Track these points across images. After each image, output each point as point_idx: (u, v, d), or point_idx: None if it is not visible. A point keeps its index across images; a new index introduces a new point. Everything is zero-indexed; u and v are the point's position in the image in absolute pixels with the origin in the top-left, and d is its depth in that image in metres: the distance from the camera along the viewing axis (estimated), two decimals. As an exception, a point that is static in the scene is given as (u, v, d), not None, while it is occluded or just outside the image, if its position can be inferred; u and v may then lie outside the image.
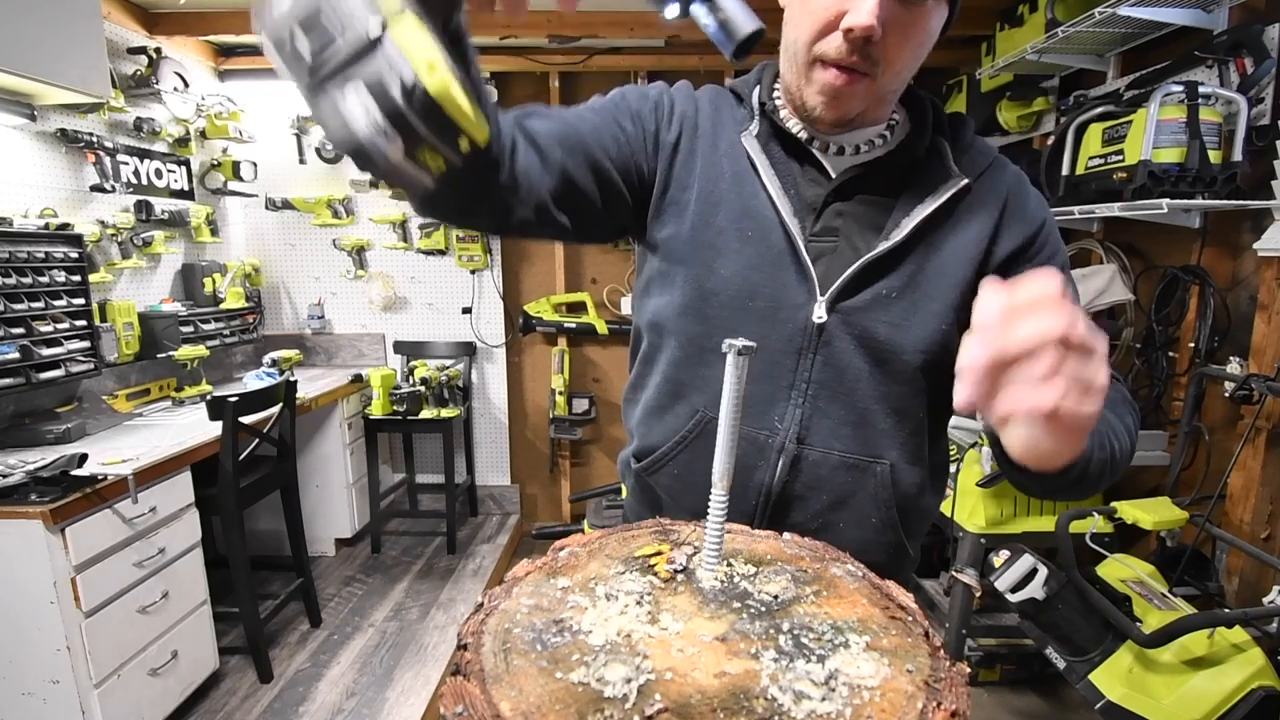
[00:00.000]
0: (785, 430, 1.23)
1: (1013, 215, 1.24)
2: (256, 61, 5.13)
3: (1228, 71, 2.86)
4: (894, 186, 1.24)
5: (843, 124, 1.20)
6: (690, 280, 1.27)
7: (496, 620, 0.82)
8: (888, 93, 1.18)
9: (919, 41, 1.12)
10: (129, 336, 3.97)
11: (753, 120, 1.30)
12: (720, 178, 1.27)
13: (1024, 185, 1.29)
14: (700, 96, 1.37)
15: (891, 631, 0.81)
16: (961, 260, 1.21)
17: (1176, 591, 2.73)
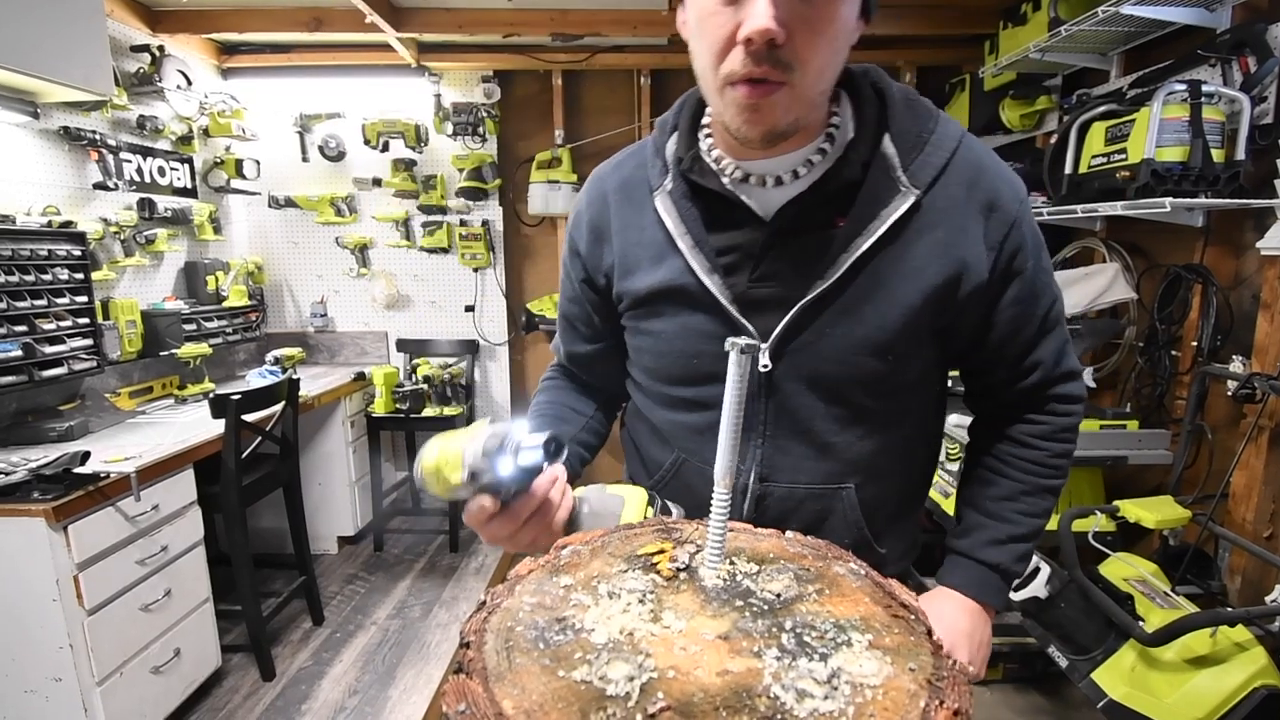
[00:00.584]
0: (748, 470, 1.26)
1: (977, 223, 1.18)
2: (259, 59, 5.13)
3: (1231, 70, 2.85)
4: (836, 211, 1.17)
5: (775, 139, 1.10)
6: (643, 350, 1.36)
7: (499, 618, 0.82)
8: (813, 95, 1.09)
9: (831, 35, 1.03)
10: (132, 334, 3.98)
11: (666, 176, 1.26)
12: (643, 259, 1.28)
13: (988, 180, 1.20)
14: (607, 181, 1.37)
15: (894, 630, 0.81)
16: (911, 287, 1.16)
17: (1179, 590, 2.73)
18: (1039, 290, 1.24)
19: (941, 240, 1.15)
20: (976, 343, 1.28)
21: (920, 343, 1.21)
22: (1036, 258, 1.23)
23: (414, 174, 5.30)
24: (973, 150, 1.21)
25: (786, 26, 0.97)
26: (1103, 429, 3.12)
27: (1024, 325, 1.25)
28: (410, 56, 4.91)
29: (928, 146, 1.17)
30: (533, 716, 0.65)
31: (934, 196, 1.16)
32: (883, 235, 1.13)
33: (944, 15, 4.44)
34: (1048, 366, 1.29)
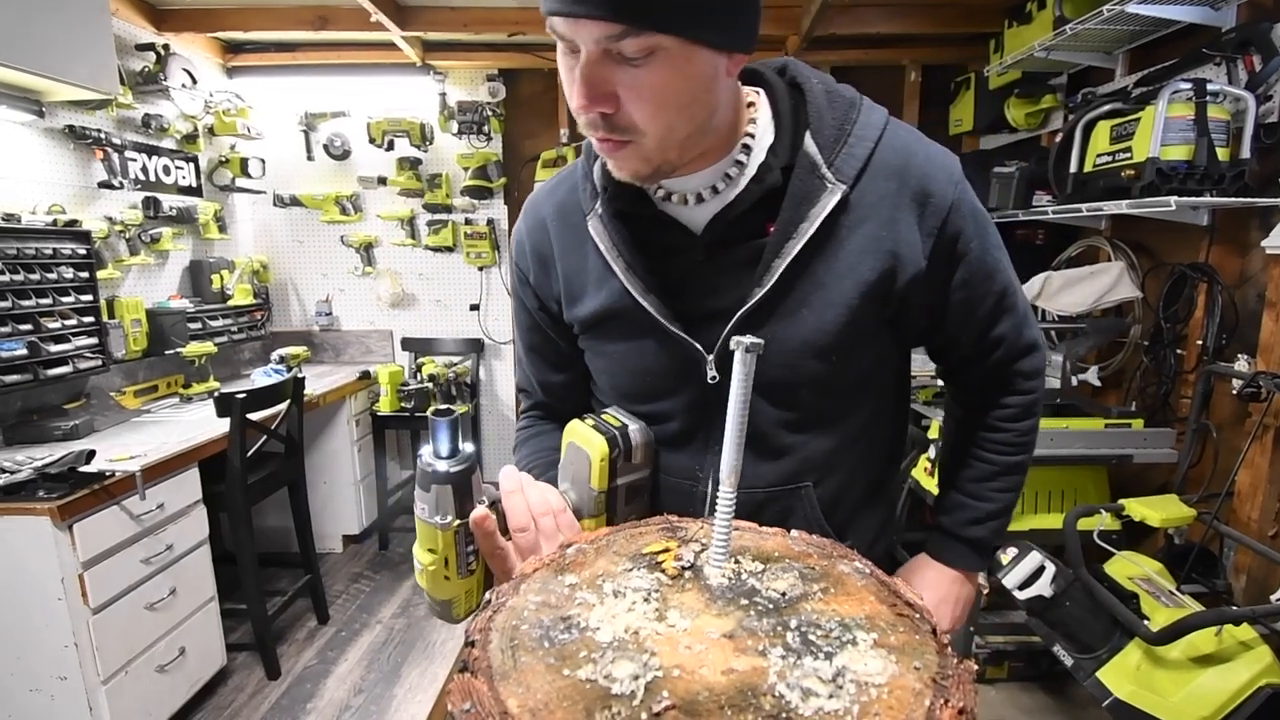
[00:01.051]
0: (706, 477, 1.27)
1: (909, 213, 1.15)
2: (264, 58, 5.14)
3: (1236, 69, 2.85)
4: (765, 216, 1.15)
5: (651, 179, 1.12)
6: (600, 371, 1.37)
7: (504, 617, 0.82)
8: (671, 149, 1.06)
9: (664, 102, 1.00)
10: (137, 333, 3.98)
11: (596, 200, 1.24)
12: (586, 283, 1.28)
13: (918, 166, 1.16)
14: (543, 207, 1.36)
15: (899, 629, 0.81)
16: (847, 285, 1.15)
17: (1184, 589, 2.73)
18: (989, 268, 1.24)
19: (873, 234, 1.14)
20: (933, 327, 1.28)
21: (866, 338, 1.20)
22: (981, 237, 1.22)
23: (419, 173, 5.31)
24: (898, 137, 1.18)
25: (613, 97, 0.98)
26: (1108, 427, 3.12)
27: (978, 305, 1.25)
28: (415, 55, 4.91)
29: (850, 139, 1.14)
30: (538, 715, 0.65)
31: (862, 190, 1.13)
32: (814, 235, 1.12)
33: (949, 13, 4.43)
34: (1010, 342, 1.31)
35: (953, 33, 4.63)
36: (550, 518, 1.10)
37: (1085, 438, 3.10)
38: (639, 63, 0.95)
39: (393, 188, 5.30)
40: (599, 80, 0.96)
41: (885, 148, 1.15)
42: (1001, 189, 3.99)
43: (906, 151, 1.16)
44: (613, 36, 0.92)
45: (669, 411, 1.27)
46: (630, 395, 1.32)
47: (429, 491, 0.99)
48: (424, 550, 1.03)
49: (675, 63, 0.96)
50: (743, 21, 1.03)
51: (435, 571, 1.03)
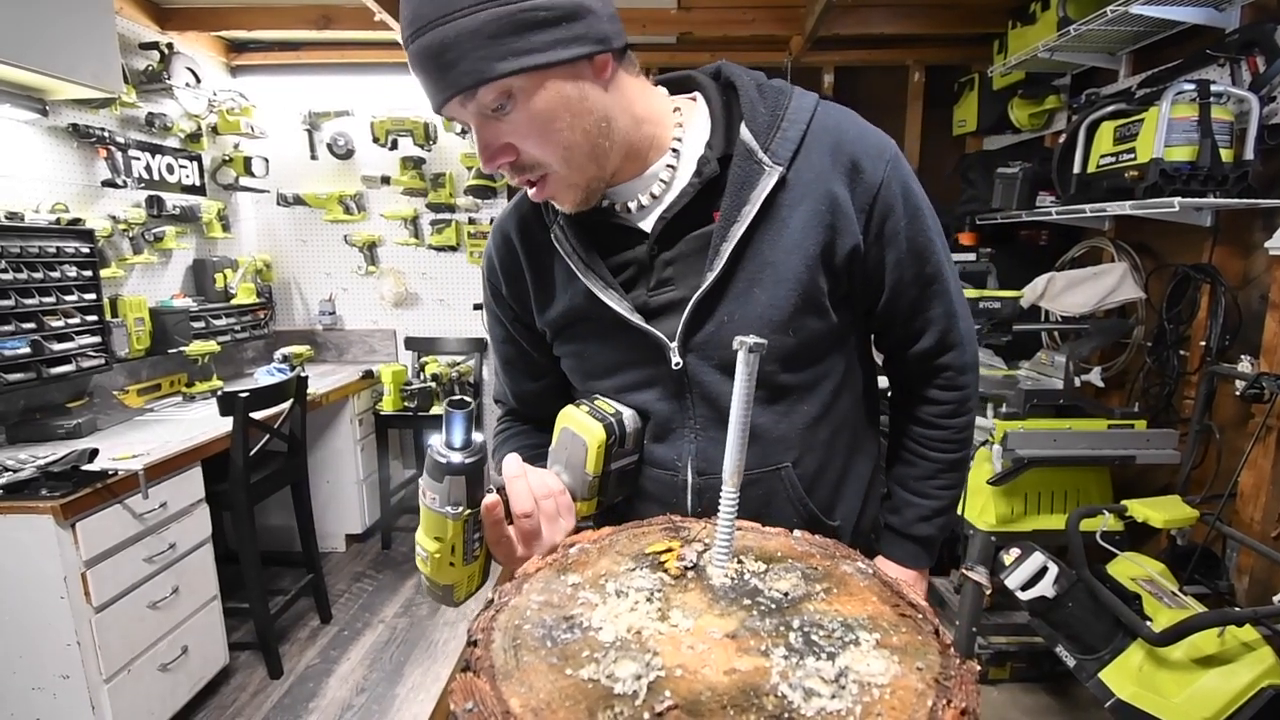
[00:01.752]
0: (684, 465, 1.31)
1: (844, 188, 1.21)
2: (268, 57, 5.15)
3: (1239, 70, 2.85)
4: (710, 206, 1.22)
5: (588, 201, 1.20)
6: (575, 371, 1.42)
7: (507, 617, 0.82)
8: (585, 167, 1.15)
9: (544, 131, 1.09)
10: (140, 332, 3.99)
11: (557, 214, 1.30)
12: (554, 290, 1.34)
13: (849, 144, 1.22)
14: (508, 224, 1.41)
15: (901, 629, 0.81)
16: (795, 259, 1.20)
17: (1187, 590, 2.73)
18: (920, 249, 1.27)
19: (813, 209, 1.19)
20: (872, 309, 1.33)
21: (820, 312, 1.25)
22: (913, 218, 1.25)
23: (423, 172, 5.30)
24: (830, 116, 1.24)
25: (508, 148, 1.10)
26: (1111, 428, 3.11)
27: (909, 287, 1.29)
28: (418, 55, 4.90)
29: (783, 123, 1.20)
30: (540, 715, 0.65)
31: (798, 170, 1.19)
32: (757, 216, 1.18)
33: (953, 14, 4.43)
34: (939, 330, 1.34)
35: (956, 33, 4.63)
36: (551, 500, 1.14)
37: (1088, 438, 3.09)
38: (506, 109, 1.06)
39: (396, 187, 5.30)
40: (490, 138, 1.09)
41: (817, 128, 1.21)
42: (1005, 189, 3.99)
43: (838, 130, 1.22)
44: (466, 99, 1.05)
45: (644, 402, 1.32)
46: (605, 391, 1.36)
47: (441, 482, 1.00)
48: (430, 538, 1.04)
49: (536, 95, 1.06)
50: (583, 29, 1.07)
51: (440, 559, 1.04)
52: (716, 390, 1.26)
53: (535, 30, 1.03)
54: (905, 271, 1.27)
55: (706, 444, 1.29)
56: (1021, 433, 3.05)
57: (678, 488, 1.32)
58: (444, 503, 1.00)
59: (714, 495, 1.23)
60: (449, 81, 1.03)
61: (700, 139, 1.25)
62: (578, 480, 1.22)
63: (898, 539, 1.47)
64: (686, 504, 1.32)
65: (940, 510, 1.45)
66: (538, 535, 1.10)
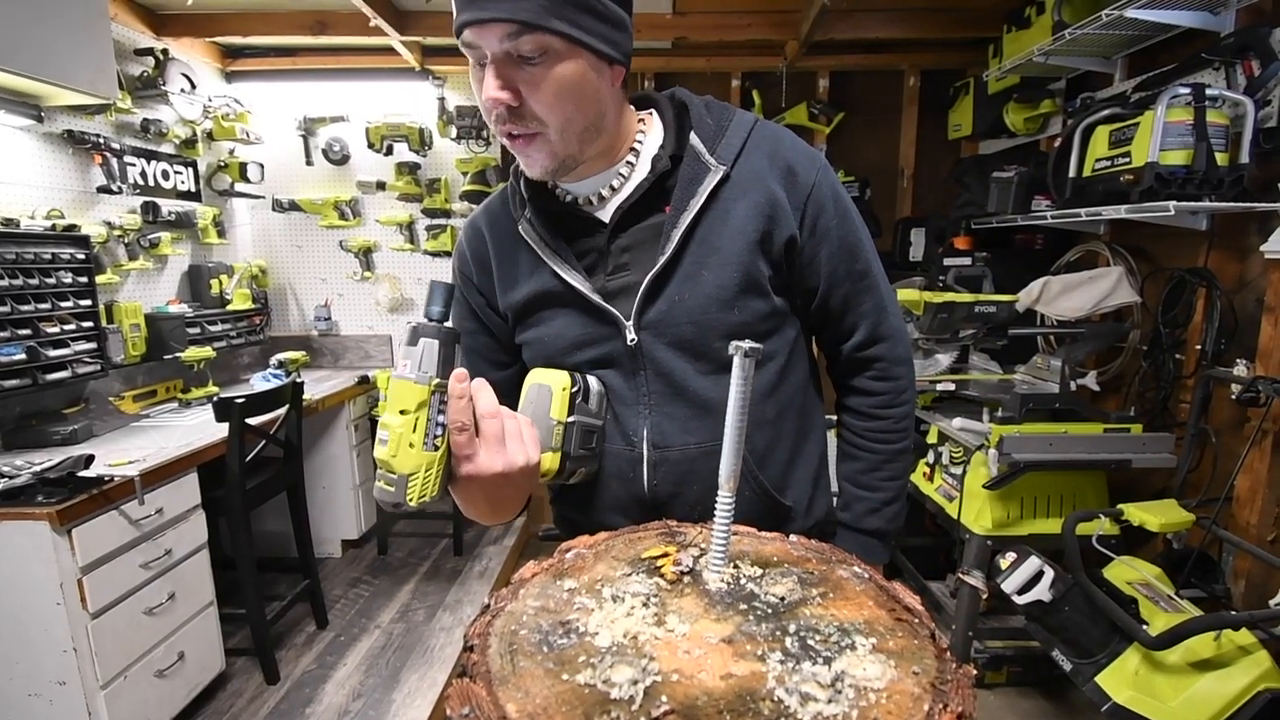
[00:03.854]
0: (641, 440, 1.40)
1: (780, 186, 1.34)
2: (263, 63, 5.14)
3: (1235, 74, 2.85)
4: (661, 200, 1.35)
5: (558, 174, 1.30)
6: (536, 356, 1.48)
7: (503, 622, 0.82)
8: (571, 140, 1.24)
9: (559, 95, 1.17)
10: (136, 338, 3.99)
11: (524, 208, 1.41)
12: (519, 276, 1.44)
13: (785, 151, 1.37)
14: (479, 220, 1.54)
15: (898, 633, 0.81)
16: (738, 244, 1.32)
17: (1183, 594, 2.73)
18: (850, 247, 1.41)
19: (754, 201, 1.33)
20: (808, 304, 1.46)
21: (762, 293, 1.36)
22: (842, 217, 1.40)
23: (418, 177, 5.31)
24: (767, 128, 1.40)
25: (516, 91, 1.15)
26: (1107, 432, 3.12)
27: (841, 282, 1.42)
28: (414, 60, 4.92)
29: (728, 132, 1.36)
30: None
31: (740, 170, 1.34)
32: (703, 206, 1.31)
33: (947, 19, 4.44)
34: (871, 324, 1.47)
35: (951, 38, 4.64)
36: (515, 422, 1.14)
37: (1084, 442, 3.09)
38: (535, 61, 1.14)
39: (391, 192, 5.30)
40: (506, 79, 1.14)
41: (756, 136, 1.38)
42: (1000, 194, 3.99)
43: (775, 139, 1.39)
44: (511, 35, 1.11)
45: (601, 378, 1.41)
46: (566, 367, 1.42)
47: (415, 345, 1.02)
48: (394, 413, 1.02)
49: (565, 62, 1.16)
50: (620, 39, 1.24)
51: (401, 436, 1.01)
52: (668, 366, 1.37)
53: (593, 15, 1.16)
54: (838, 265, 1.40)
55: (661, 419, 1.39)
56: (1017, 437, 3.05)
57: (634, 461, 1.41)
58: (414, 368, 1.02)
59: (671, 468, 1.38)
60: (506, 8, 1.09)
61: (655, 144, 1.39)
62: (543, 428, 1.28)
63: (851, 534, 1.55)
64: (643, 479, 1.41)
65: (888, 501, 1.54)
66: (500, 440, 1.09)
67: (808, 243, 1.38)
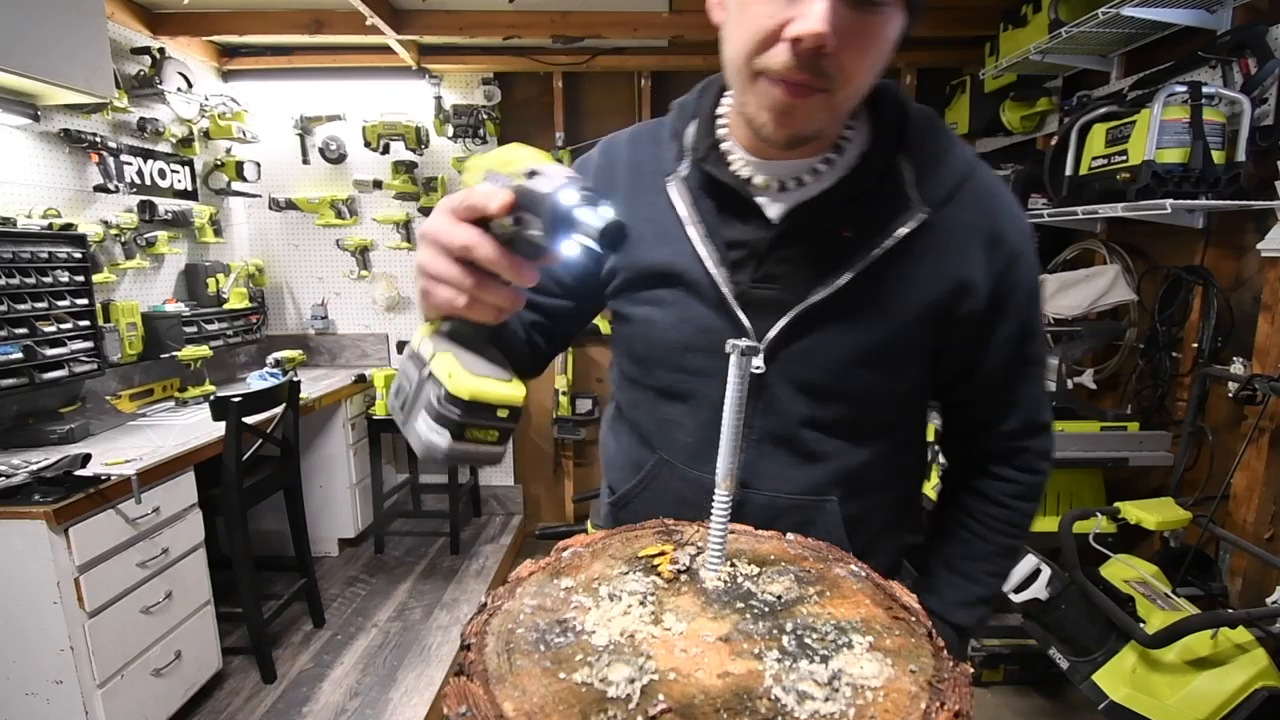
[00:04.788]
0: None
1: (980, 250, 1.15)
2: (260, 62, 5.14)
3: (1231, 72, 2.86)
4: (844, 220, 1.14)
5: (798, 143, 1.06)
6: (634, 339, 1.29)
7: (500, 621, 0.82)
8: (846, 109, 1.05)
9: (878, 52, 0.98)
10: (132, 337, 3.98)
11: (682, 162, 1.22)
12: (646, 234, 1.23)
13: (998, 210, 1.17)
14: (619, 154, 1.32)
15: (895, 632, 0.81)
16: (913, 305, 1.14)
17: (1180, 592, 2.73)
18: (1031, 331, 1.23)
19: (945, 259, 1.13)
20: (965, 373, 1.26)
21: (914, 359, 1.19)
22: (1032, 299, 1.22)
23: (415, 176, 5.31)
24: (986, 179, 1.18)
25: (838, 35, 0.90)
26: (1103, 431, 3.12)
27: (1010, 364, 1.24)
28: (411, 59, 4.92)
29: (942, 167, 1.14)
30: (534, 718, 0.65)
31: (943, 216, 1.12)
32: (888, 248, 1.10)
33: (944, 17, 4.43)
34: (1026, 411, 1.29)
35: (948, 36, 4.64)
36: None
37: (1081, 441, 3.10)
38: (876, 9, 0.93)
39: (388, 191, 5.29)
40: (837, 22, 0.90)
41: (972, 184, 1.15)
42: (997, 192, 3.99)
43: (991, 193, 1.17)
44: None
45: (698, 393, 1.23)
46: (663, 369, 1.27)
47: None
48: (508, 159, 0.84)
49: (893, 19, 0.96)
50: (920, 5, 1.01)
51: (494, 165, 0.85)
52: (787, 408, 1.19)
53: None
54: (1014, 349, 1.22)
55: (756, 457, 1.21)
56: (1015, 435, 3.05)
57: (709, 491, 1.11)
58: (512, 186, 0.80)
59: (755, 512, 1.21)
60: None
61: (860, 145, 1.16)
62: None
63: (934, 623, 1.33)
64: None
65: (984, 598, 1.36)
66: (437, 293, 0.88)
67: (988, 319, 1.18)
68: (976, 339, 1.20)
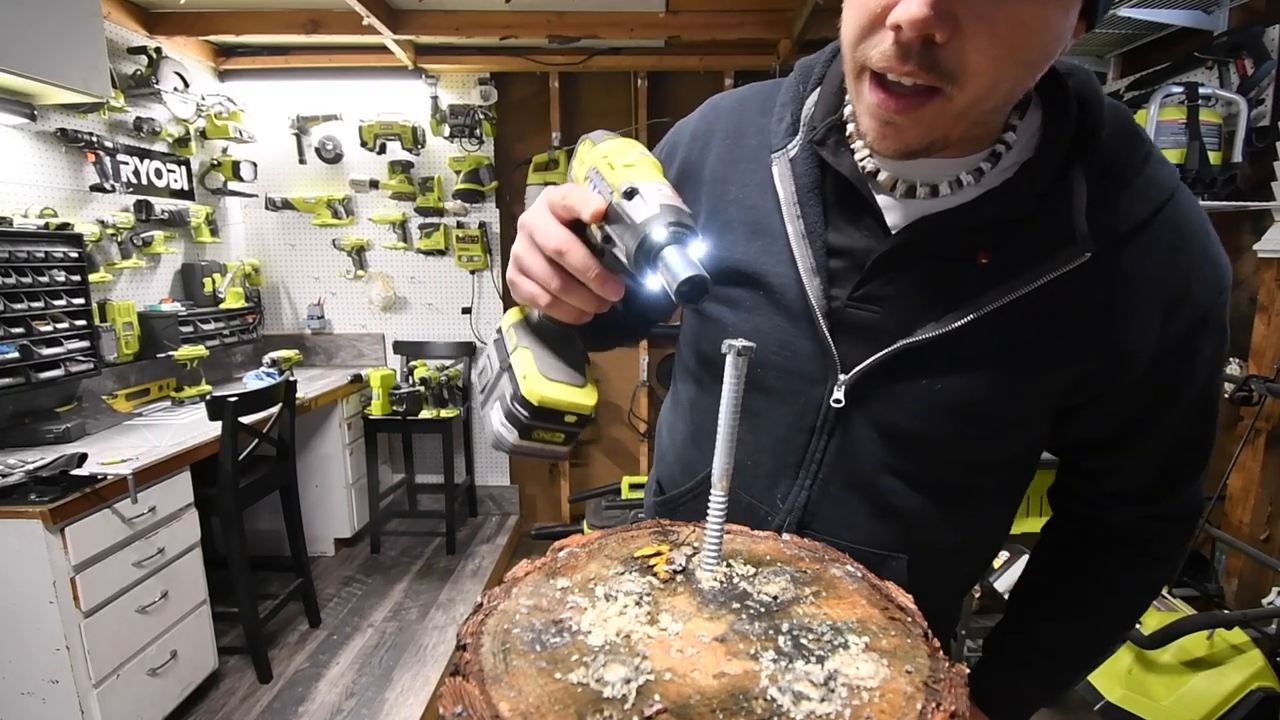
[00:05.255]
0: (787, 511, 1.06)
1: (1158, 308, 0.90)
2: (256, 61, 5.14)
3: (1228, 73, 2.86)
4: (982, 244, 0.90)
5: (912, 155, 0.83)
6: (704, 337, 1.11)
7: (495, 621, 0.82)
8: (977, 114, 0.80)
9: (1021, 43, 0.73)
10: (129, 336, 3.97)
11: (793, 138, 1.00)
12: (734, 219, 1.04)
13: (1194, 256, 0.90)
14: (720, 119, 1.12)
15: (891, 632, 0.81)
16: (1050, 363, 0.92)
17: (1176, 593, 2.73)
18: (1207, 408, 1.00)
19: (1105, 320, 0.89)
20: (1107, 444, 1.03)
21: (1031, 423, 1.00)
22: (1215, 369, 0.97)
23: (411, 176, 5.30)
24: (1183, 209, 0.91)
25: (956, 20, 0.70)
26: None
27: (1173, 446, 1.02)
28: (407, 58, 4.92)
29: (1127, 191, 0.88)
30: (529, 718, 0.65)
31: (1117, 259, 0.88)
32: (1031, 291, 0.88)
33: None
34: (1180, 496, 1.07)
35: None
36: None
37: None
38: None
39: (384, 191, 5.29)
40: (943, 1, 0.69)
41: (1166, 217, 0.89)
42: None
43: (1187, 231, 0.90)
44: None
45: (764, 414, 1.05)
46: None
47: None
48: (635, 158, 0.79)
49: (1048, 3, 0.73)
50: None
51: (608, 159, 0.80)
52: (865, 451, 1.00)
53: None
54: (1182, 429, 1.00)
55: (824, 498, 1.04)
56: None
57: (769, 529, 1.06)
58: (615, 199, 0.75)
59: None
60: None
61: (1028, 146, 0.91)
62: None
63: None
64: None
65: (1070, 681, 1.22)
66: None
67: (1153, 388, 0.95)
68: (1129, 414, 0.98)
